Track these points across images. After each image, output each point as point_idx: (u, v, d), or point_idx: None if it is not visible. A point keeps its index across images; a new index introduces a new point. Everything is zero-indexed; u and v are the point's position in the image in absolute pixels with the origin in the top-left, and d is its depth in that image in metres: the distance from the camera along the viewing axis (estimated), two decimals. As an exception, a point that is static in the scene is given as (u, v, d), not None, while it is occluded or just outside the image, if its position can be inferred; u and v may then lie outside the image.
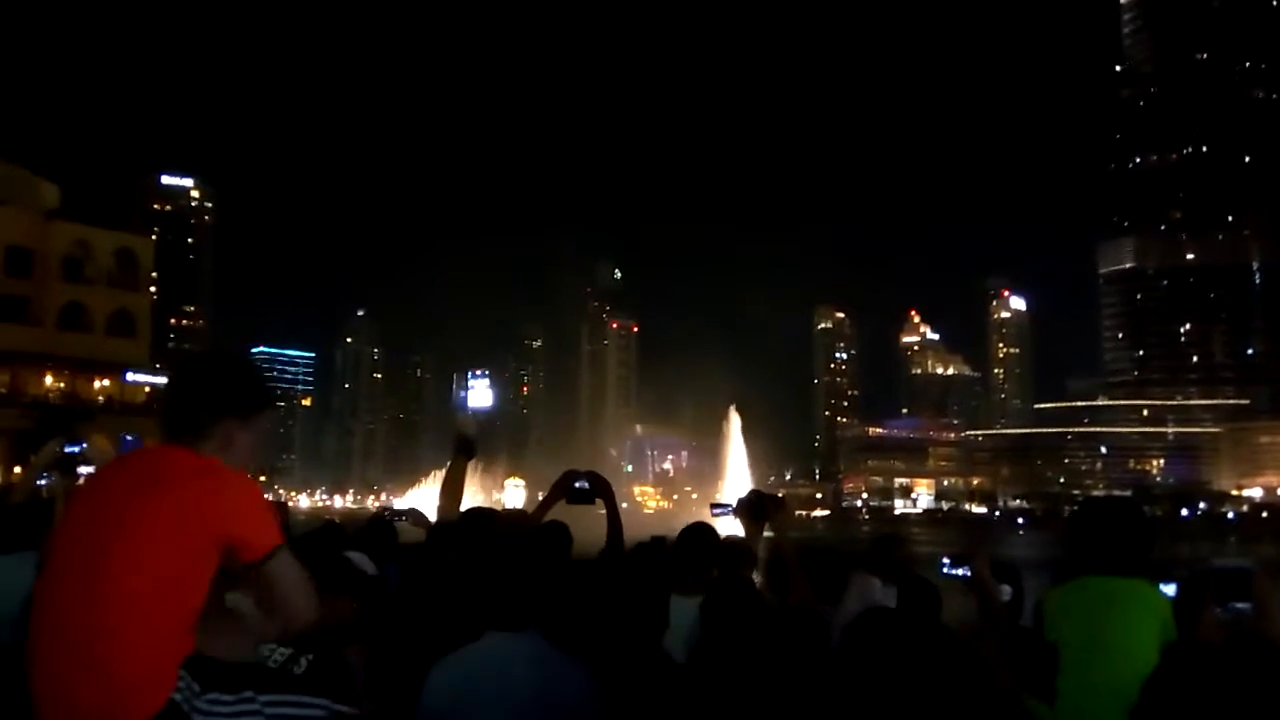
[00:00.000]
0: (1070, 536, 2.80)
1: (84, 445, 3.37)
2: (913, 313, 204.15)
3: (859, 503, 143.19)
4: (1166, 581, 3.73)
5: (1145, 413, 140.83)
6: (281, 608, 1.83)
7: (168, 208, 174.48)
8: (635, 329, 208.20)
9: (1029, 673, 2.71)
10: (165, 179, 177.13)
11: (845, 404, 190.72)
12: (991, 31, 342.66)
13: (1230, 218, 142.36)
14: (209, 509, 1.78)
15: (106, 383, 44.90)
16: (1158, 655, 2.29)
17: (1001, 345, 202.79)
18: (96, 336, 44.45)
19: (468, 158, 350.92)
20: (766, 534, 3.58)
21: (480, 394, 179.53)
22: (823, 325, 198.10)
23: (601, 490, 3.42)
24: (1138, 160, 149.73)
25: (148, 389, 45.98)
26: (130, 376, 45.23)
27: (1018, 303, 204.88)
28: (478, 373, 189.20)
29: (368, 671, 2.67)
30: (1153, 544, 2.75)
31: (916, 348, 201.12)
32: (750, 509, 3.53)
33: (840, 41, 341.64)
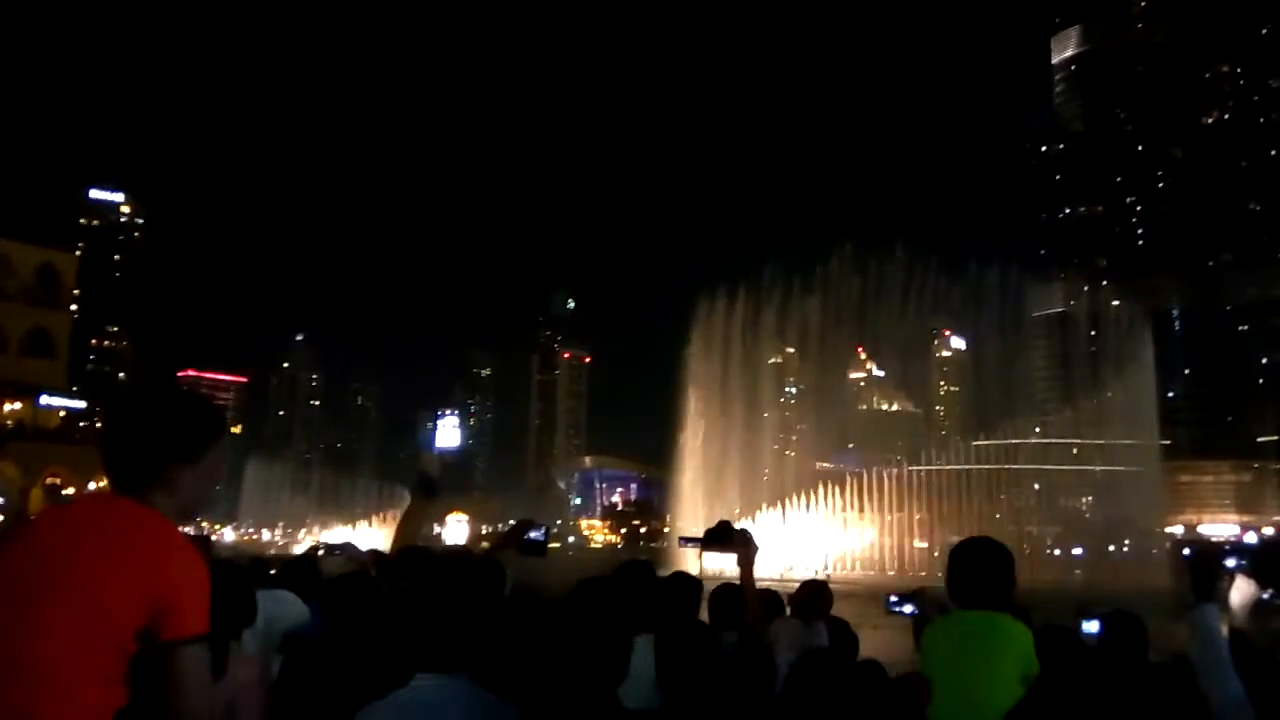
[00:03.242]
0: (946, 574, 2.92)
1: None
2: (859, 350, 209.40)
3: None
4: (1090, 618, 3.83)
5: (1075, 451, 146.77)
6: (171, 702, 1.70)
7: (95, 223, 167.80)
8: (587, 359, 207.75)
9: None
10: (95, 193, 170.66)
11: (794, 438, 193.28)
12: (937, 88, 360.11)
13: (1152, 266, 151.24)
14: (148, 571, 1.71)
15: (18, 406, 42.47)
16: (1018, 686, 2.39)
17: (942, 383, 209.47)
18: (10, 357, 42.13)
19: (415, 180, 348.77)
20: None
21: (448, 434, 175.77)
22: (772, 360, 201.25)
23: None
24: (1067, 210, 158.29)
25: (63, 413, 43.71)
26: (45, 400, 42.90)
27: (958, 342, 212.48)
28: (446, 411, 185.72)
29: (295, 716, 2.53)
30: (1011, 578, 2.86)
31: (863, 384, 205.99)
32: (719, 539, 3.48)
33: (793, 86, 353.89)
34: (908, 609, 3.60)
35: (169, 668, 1.70)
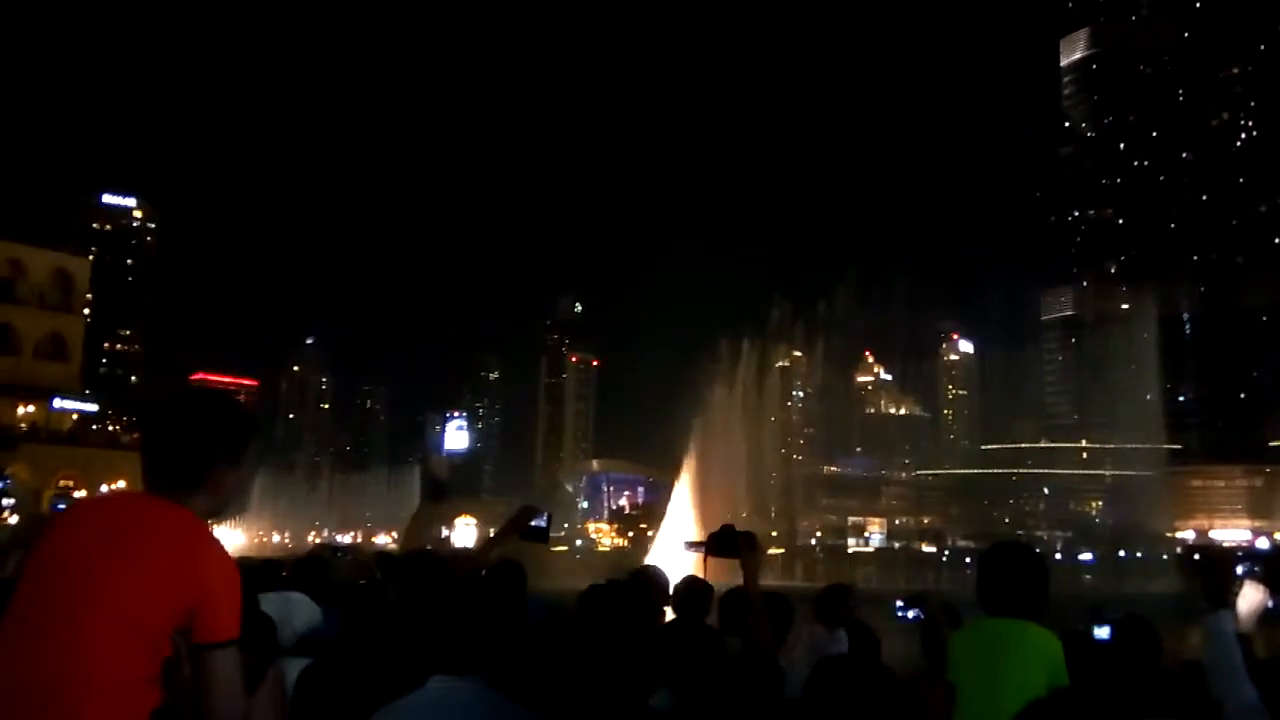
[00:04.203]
0: (976, 580, 2.87)
1: (7, 481, 3.19)
2: (867, 353, 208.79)
3: (813, 541, 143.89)
4: (1100, 624, 3.82)
5: (1084, 455, 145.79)
6: (205, 705, 1.74)
7: (108, 227, 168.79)
8: (595, 362, 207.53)
9: None
10: (107, 198, 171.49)
11: (801, 442, 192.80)
12: (946, 91, 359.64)
13: (1162, 270, 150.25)
14: (186, 573, 1.74)
15: (32, 408, 42.69)
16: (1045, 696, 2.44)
17: (951, 387, 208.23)
18: (24, 359, 42.38)
19: (423, 185, 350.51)
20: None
21: (456, 436, 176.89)
22: (780, 363, 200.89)
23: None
24: (1076, 214, 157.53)
25: (76, 416, 43.99)
26: (58, 403, 43.14)
27: (966, 346, 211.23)
28: (454, 414, 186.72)
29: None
30: (1046, 588, 2.82)
31: (870, 388, 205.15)
32: (723, 544, 3.48)
33: (801, 87, 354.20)
34: (911, 614, 3.58)
35: (203, 671, 1.73)
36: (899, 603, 3.60)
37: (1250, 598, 3.08)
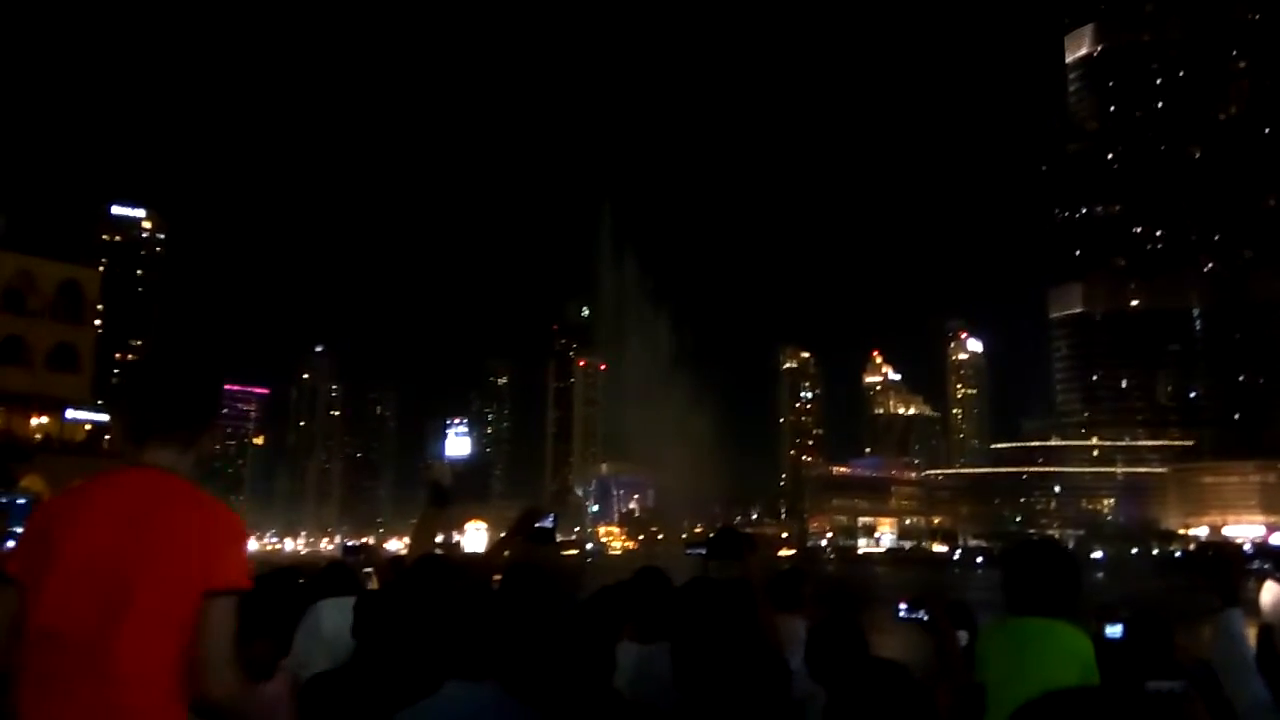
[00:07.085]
0: (1002, 578, 2.83)
1: (31, 497, 3.21)
2: (875, 353, 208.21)
3: (824, 542, 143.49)
4: (1113, 623, 3.81)
5: (1095, 453, 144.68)
6: (200, 656, 1.69)
7: (118, 238, 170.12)
8: (603, 367, 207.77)
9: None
10: (116, 209, 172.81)
11: (810, 443, 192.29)
12: (951, 89, 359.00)
13: (1171, 266, 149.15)
14: (199, 546, 1.74)
15: (45, 420, 42.97)
16: None
17: (960, 386, 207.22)
18: (36, 371, 42.64)
19: (430, 192, 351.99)
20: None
21: (457, 443, 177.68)
22: (789, 365, 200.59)
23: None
24: (1084, 210, 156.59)
25: (89, 427, 44.22)
26: (71, 414, 43.46)
27: (974, 345, 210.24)
28: (455, 421, 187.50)
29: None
30: (1078, 586, 2.79)
31: (879, 388, 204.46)
32: (724, 547, 3.46)
33: (806, 86, 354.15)
34: (918, 615, 3.53)
35: (201, 618, 1.69)
36: (902, 605, 3.56)
37: (1275, 591, 3.07)
